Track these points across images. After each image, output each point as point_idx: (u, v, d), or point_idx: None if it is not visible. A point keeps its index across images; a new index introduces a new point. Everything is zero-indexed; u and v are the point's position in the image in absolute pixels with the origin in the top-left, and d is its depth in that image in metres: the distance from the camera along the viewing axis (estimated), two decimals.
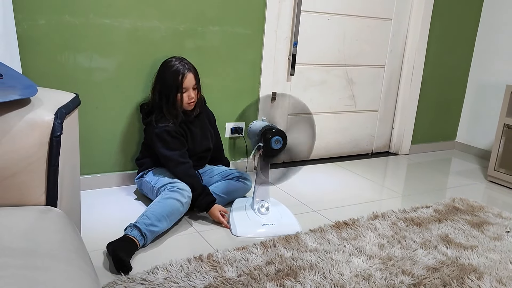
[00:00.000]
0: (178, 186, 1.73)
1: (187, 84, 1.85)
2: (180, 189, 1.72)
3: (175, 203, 1.68)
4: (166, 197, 1.68)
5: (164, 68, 1.89)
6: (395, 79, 2.96)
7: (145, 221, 1.57)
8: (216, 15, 2.16)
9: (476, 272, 1.52)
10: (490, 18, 3.04)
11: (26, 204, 0.91)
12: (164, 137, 1.82)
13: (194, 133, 1.93)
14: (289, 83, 2.55)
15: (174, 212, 1.67)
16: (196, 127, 1.95)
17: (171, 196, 1.69)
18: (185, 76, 1.84)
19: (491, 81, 3.06)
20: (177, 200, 1.68)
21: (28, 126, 0.89)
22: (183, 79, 1.84)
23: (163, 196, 1.70)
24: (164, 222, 1.63)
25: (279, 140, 1.72)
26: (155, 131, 1.84)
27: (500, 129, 2.53)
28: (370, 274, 1.46)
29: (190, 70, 1.87)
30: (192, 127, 1.93)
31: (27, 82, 0.99)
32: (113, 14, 1.92)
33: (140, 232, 1.54)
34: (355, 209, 2.06)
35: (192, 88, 1.87)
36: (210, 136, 2.02)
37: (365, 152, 3.00)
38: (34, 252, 0.71)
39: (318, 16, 2.53)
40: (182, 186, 1.74)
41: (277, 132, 1.72)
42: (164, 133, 1.82)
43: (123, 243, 1.49)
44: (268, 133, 1.71)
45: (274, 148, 1.72)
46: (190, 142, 1.91)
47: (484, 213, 2.06)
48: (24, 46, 1.76)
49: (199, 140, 1.95)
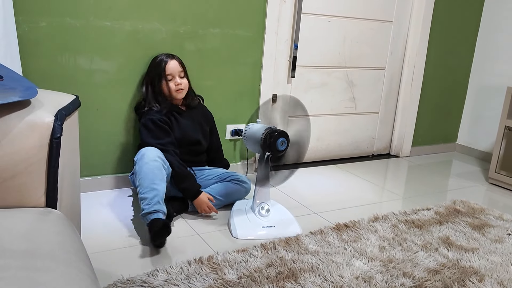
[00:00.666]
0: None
1: (171, 70, 1.90)
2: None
3: (153, 163, 1.68)
4: (142, 165, 1.69)
5: (151, 62, 1.97)
6: (395, 81, 2.96)
7: (144, 205, 1.62)
8: (216, 17, 2.16)
9: (477, 274, 1.52)
10: (491, 20, 3.04)
11: (26, 206, 0.91)
12: (148, 125, 1.84)
13: (181, 123, 1.93)
14: (289, 85, 2.55)
15: (156, 173, 1.68)
16: (184, 118, 1.95)
17: (146, 162, 1.70)
18: (168, 62, 1.91)
19: (492, 83, 3.06)
20: (153, 160, 1.70)
21: (28, 127, 0.89)
22: (166, 65, 1.90)
23: (139, 166, 1.70)
24: (156, 186, 1.65)
25: (284, 141, 1.73)
26: (141, 121, 1.88)
27: (501, 131, 2.53)
28: (370, 277, 1.46)
29: (174, 58, 1.94)
30: (180, 118, 1.93)
31: (27, 83, 0.99)
32: (114, 16, 1.93)
33: (150, 213, 1.60)
34: (356, 211, 2.05)
35: (178, 76, 1.91)
36: (201, 130, 2.01)
37: (366, 154, 3.00)
38: (34, 254, 0.71)
39: (319, 18, 2.54)
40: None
41: (281, 134, 1.73)
42: (148, 122, 1.84)
43: (158, 231, 1.56)
44: (273, 135, 1.72)
45: (280, 150, 1.73)
46: (177, 131, 1.91)
47: (485, 215, 2.05)
48: (24, 48, 1.76)
49: (187, 131, 1.94)
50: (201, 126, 2.02)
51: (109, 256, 1.52)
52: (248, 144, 1.86)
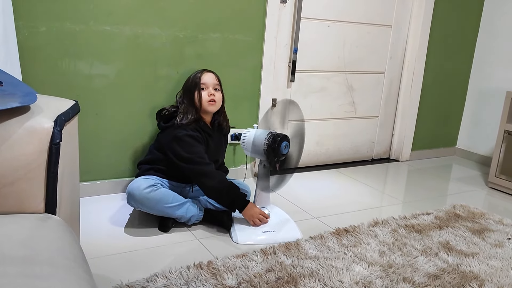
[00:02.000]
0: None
1: (206, 80, 1.88)
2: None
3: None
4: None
5: (189, 77, 1.94)
6: (395, 85, 2.96)
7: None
8: (216, 22, 2.17)
9: (478, 279, 1.51)
10: (490, 24, 3.05)
11: (25, 212, 0.91)
12: (186, 139, 1.77)
13: (210, 146, 1.89)
14: (289, 89, 2.55)
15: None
16: (213, 140, 1.91)
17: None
18: (204, 73, 1.90)
19: (491, 87, 3.06)
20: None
21: (27, 133, 0.89)
22: (201, 75, 1.89)
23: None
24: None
25: (287, 144, 1.75)
26: (175, 133, 1.78)
27: (500, 136, 2.53)
28: (370, 282, 1.46)
29: (210, 71, 1.93)
30: (209, 140, 1.89)
31: (27, 89, 0.99)
32: (114, 21, 1.93)
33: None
34: (356, 216, 2.05)
35: (213, 87, 1.88)
36: (221, 152, 2.00)
37: (366, 159, 3.00)
38: (33, 260, 0.71)
39: (318, 23, 2.54)
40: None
41: (284, 138, 1.74)
42: (186, 137, 1.77)
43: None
44: (277, 140, 1.72)
45: (283, 154, 1.74)
46: (207, 151, 1.86)
47: (485, 220, 2.05)
48: (24, 53, 1.76)
49: (211, 154, 1.88)
50: (222, 148, 2.00)
51: (109, 262, 1.51)
52: (247, 151, 1.85)
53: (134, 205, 1.73)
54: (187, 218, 1.78)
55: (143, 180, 1.73)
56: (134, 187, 1.71)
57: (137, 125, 2.08)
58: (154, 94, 2.09)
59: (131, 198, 1.72)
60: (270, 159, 1.76)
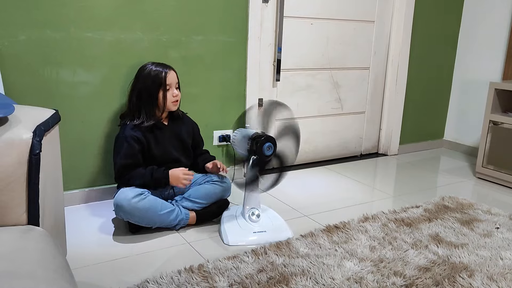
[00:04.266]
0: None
1: (170, 80, 1.84)
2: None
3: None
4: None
5: (142, 71, 1.86)
6: (380, 80, 2.98)
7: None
8: (199, 24, 2.16)
9: (467, 270, 1.53)
10: (472, 17, 3.08)
11: (7, 224, 0.90)
12: (121, 142, 1.79)
13: (161, 139, 1.86)
14: (275, 89, 2.55)
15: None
16: (166, 133, 1.88)
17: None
18: (168, 73, 1.84)
19: (475, 78, 3.09)
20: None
21: (5, 145, 0.88)
22: (166, 75, 1.82)
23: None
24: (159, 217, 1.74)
25: (271, 146, 1.72)
26: (118, 135, 1.84)
27: (486, 126, 2.56)
28: (362, 277, 1.46)
29: (172, 68, 1.87)
30: (160, 133, 1.85)
31: (4, 100, 0.98)
32: (95, 27, 1.91)
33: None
34: (346, 212, 2.06)
35: (175, 86, 1.86)
36: (182, 147, 1.93)
37: (354, 154, 3.01)
38: (13, 274, 0.70)
39: (301, 21, 2.55)
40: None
41: (268, 138, 1.72)
42: (122, 139, 1.79)
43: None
44: (259, 140, 1.71)
45: (266, 155, 1.72)
46: (156, 148, 1.84)
47: (474, 210, 2.07)
48: (5, 63, 1.74)
49: (167, 148, 1.87)
50: (182, 142, 1.93)
51: (99, 270, 1.50)
52: (236, 149, 1.86)
53: (124, 216, 1.70)
54: (176, 223, 1.78)
55: (129, 190, 1.71)
56: (121, 198, 1.69)
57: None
58: None
59: (120, 209, 1.69)
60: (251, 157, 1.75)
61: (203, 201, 1.87)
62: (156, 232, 1.77)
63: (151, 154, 1.83)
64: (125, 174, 1.77)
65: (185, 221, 1.81)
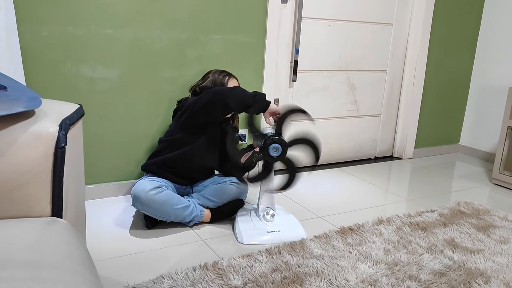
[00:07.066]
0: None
1: (231, 85, 1.91)
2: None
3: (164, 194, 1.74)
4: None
5: (209, 73, 1.99)
6: (397, 83, 2.96)
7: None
8: (217, 24, 2.17)
9: (483, 276, 1.51)
10: (491, 20, 3.04)
11: (32, 216, 0.92)
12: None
13: (214, 132, 1.89)
14: (291, 89, 2.55)
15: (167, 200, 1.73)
16: (220, 130, 1.92)
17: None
18: (231, 78, 1.95)
19: (493, 83, 3.06)
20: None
21: (32, 138, 0.90)
22: (229, 80, 1.94)
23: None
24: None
25: (277, 148, 1.71)
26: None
27: (504, 132, 2.53)
28: (376, 280, 1.46)
29: (234, 76, 1.97)
30: (217, 128, 1.90)
31: (31, 94, 1.00)
32: (116, 24, 1.94)
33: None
34: (360, 214, 2.05)
35: None
36: (218, 156, 1.96)
37: (369, 157, 3.00)
38: (39, 264, 0.72)
39: (319, 23, 2.54)
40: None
41: (277, 140, 1.70)
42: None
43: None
44: (269, 139, 1.71)
45: (271, 155, 1.71)
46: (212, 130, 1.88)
47: (490, 216, 2.05)
48: (27, 58, 1.78)
49: (212, 142, 1.89)
50: (223, 142, 1.96)
51: (115, 264, 1.52)
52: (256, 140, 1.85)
53: (140, 207, 1.73)
54: (190, 219, 1.79)
55: (148, 182, 1.73)
56: (139, 189, 1.71)
57: (141, 127, 2.09)
58: (157, 96, 2.09)
59: (137, 200, 1.72)
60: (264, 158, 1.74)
61: (219, 200, 1.88)
62: (171, 228, 1.79)
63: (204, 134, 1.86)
64: (219, 95, 1.73)
65: (199, 217, 1.82)
